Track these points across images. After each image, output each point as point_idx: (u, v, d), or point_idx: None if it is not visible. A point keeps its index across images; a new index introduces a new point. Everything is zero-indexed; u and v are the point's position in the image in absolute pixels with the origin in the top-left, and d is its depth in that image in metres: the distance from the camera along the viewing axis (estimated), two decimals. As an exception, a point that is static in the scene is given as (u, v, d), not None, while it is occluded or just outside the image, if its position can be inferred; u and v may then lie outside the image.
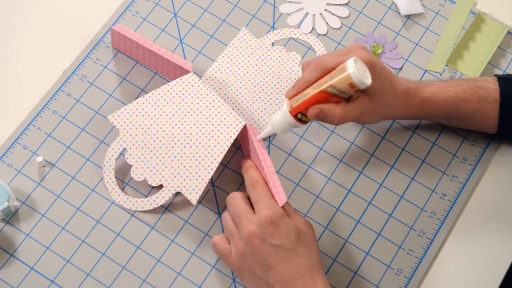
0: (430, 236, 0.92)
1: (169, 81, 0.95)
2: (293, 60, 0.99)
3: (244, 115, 0.95)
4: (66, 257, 0.88)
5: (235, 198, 0.86)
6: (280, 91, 0.97)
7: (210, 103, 0.91)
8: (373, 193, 0.94)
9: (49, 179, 0.92)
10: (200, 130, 0.90)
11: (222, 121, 0.91)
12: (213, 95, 0.92)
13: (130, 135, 0.90)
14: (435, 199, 0.94)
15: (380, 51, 1.00)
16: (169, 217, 0.91)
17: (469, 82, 0.92)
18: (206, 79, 0.97)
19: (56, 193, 0.91)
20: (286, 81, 0.97)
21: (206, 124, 0.91)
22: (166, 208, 0.91)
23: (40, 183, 0.91)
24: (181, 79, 0.92)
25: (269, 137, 0.96)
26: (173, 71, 0.95)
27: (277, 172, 0.94)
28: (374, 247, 0.91)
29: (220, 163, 0.94)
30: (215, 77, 0.97)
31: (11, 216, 0.90)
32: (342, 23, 1.02)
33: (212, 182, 0.93)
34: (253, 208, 0.85)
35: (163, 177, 0.90)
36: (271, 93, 0.97)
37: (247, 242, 0.83)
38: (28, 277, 0.87)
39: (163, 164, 0.90)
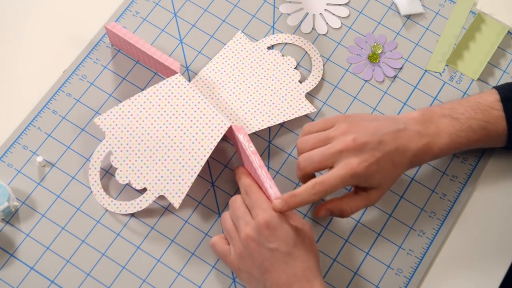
0: (430, 236, 0.92)
1: (169, 81, 0.95)
2: (288, 64, 0.98)
3: (237, 115, 0.95)
4: (66, 257, 0.88)
5: (236, 201, 0.86)
6: (274, 93, 0.96)
7: (195, 105, 0.91)
8: (373, 193, 0.94)
9: (49, 179, 0.92)
10: (184, 133, 0.90)
11: (206, 123, 0.90)
12: (199, 96, 0.91)
13: (116, 138, 0.90)
14: (435, 199, 0.94)
15: (380, 51, 1.00)
16: (169, 217, 0.91)
17: (477, 118, 0.88)
18: (200, 78, 0.96)
19: (56, 193, 0.91)
20: (281, 83, 0.97)
21: (191, 127, 0.90)
22: (166, 208, 0.91)
23: (40, 183, 0.91)
24: (167, 81, 0.92)
25: (269, 136, 0.96)
26: (165, 70, 0.95)
27: (277, 172, 0.94)
28: (374, 247, 0.91)
29: (220, 163, 0.94)
30: (209, 77, 0.97)
31: (11, 216, 0.90)
32: (342, 23, 1.02)
33: (212, 182, 0.93)
34: None
35: (147, 180, 0.89)
36: (265, 94, 0.96)
37: (245, 245, 0.83)
38: (28, 277, 0.87)
39: (147, 167, 0.89)
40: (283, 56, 0.99)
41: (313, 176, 0.87)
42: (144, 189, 0.90)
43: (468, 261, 0.91)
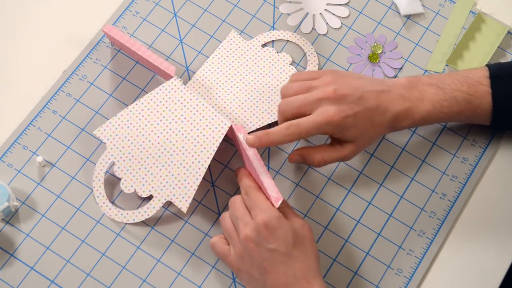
0: (430, 236, 0.92)
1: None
2: (283, 60, 0.98)
3: (236, 113, 0.95)
4: (66, 257, 0.88)
5: (235, 202, 0.86)
6: (272, 90, 0.96)
7: (194, 108, 0.91)
8: (373, 193, 0.94)
9: (49, 179, 0.92)
10: (185, 137, 0.90)
11: (207, 125, 0.90)
12: (197, 99, 0.91)
13: (117, 148, 0.90)
14: (435, 199, 0.94)
15: (380, 51, 1.00)
16: (169, 217, 0.91)
17: (463, 91, 0.89)
18: (196, 80, 0.96)
19: (56, 193, 0.91)
20: (277, 80, 0.97)
21: (191, 130, 0.90)
22: (166, 208, 0.91)
23: (40, 183, 0.91)
24: (163, 86, 0.91)
25: (269, 137, 0.96)
26: (162, 73, 0.95)
27: (277, 172, 0.94)
28: (374, 247, 0.91)
29: (220, 163, 0.94)
30: (205, 78, 0.96)
31: (11, 216, 0.90)
32: (342, 23, 1.02)
33: (212, 182, 0.93)
34: None
35: (152, 187, 0.89)
36: (263, 91, 0.96)
37: (244, 245, 0.82)
38: (28, 277, 0.87)
39: (152, 174, 0.89)
40: (277, 52, 0.99)
41: None
42: (151, 196, 0.90)
43: (468, 261, 0.91)
